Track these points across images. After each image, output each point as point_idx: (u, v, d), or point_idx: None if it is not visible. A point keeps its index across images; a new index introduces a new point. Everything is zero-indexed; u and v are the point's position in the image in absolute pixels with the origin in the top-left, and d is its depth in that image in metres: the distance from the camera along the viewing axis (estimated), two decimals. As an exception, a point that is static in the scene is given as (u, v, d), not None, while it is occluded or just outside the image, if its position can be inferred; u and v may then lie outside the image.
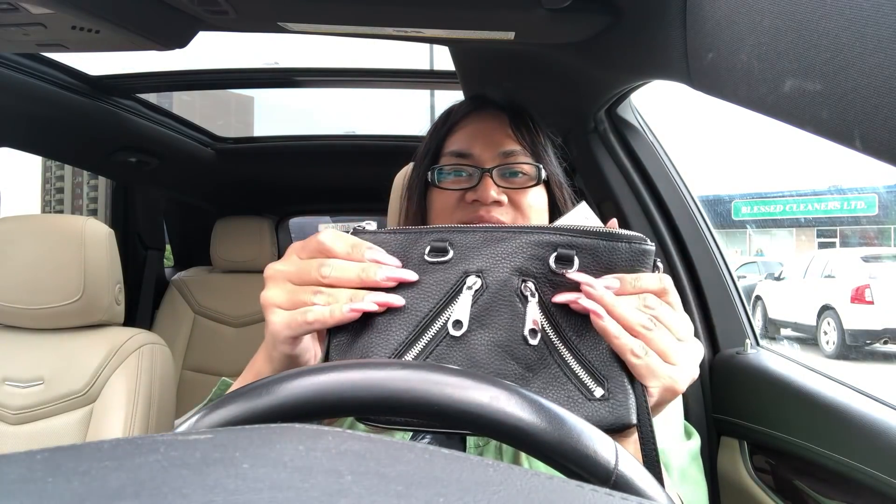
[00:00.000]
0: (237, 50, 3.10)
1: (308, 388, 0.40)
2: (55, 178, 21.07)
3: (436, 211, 0.82)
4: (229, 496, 0.18)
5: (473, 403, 0.39)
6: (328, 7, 0.88)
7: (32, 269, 1.39)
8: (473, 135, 0.82)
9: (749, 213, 10.72)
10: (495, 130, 0.82)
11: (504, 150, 0.80)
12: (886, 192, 8.76)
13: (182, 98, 3.28)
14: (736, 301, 1.24)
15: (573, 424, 0.39)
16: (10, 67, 1.49)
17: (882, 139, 0.41)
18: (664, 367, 0.48)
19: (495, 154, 0.80)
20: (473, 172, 0.80)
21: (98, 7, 0.86)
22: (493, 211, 0.77)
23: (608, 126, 1.30)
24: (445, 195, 0.80)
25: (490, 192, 0.77)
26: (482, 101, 0.86)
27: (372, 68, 1.87)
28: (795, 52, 0.47)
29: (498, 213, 0.78)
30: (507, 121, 0.83)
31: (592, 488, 0.23)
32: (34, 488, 0.18)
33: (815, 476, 0.96)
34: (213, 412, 0.40)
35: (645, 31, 0.79)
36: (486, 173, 0.79)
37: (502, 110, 0.84)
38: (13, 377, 1.42)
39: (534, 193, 0.80)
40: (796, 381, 1.00)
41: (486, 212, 0.77)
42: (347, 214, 3.73)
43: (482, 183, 0.78)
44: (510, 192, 0.79)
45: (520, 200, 0.79)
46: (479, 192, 0.77)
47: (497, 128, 0.82)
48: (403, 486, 0.20)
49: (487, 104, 0.86)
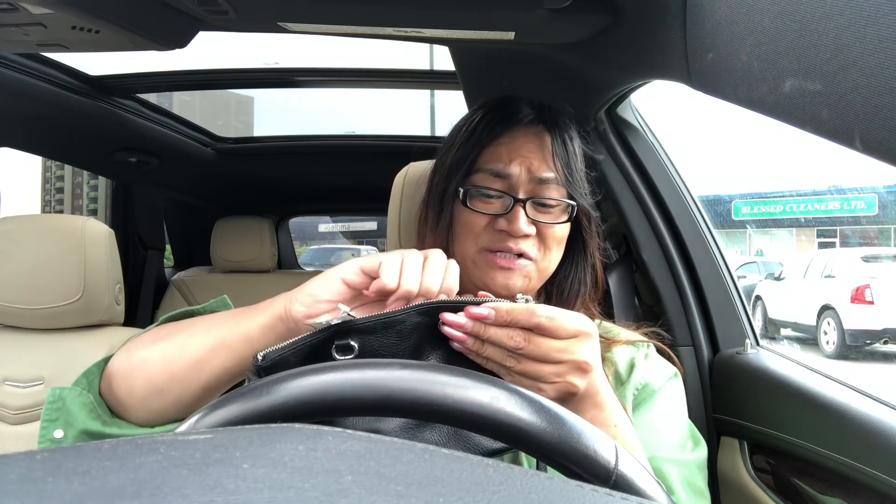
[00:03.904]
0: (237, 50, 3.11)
1: (308, 388, 0.40)
2: (55, 178, 21.06)
3: (461, 229, 0.79)
4: (229, 496, 0.18)
5: (474, 403, 0.39)
6: (328, 7, 0.88)
7: (32, 269, 1.39)
8: (513, 154, 0.79)
9: (749, 213, 10.71)
10: (535, 153, 0.79)
11: (541, 177, 0.78)
12: (886, 192, 8.75)
13: (182, 98, 3.28)
14: (736, 301, 1.24)
15: (573, 424, 0.39)
16: (10, 67, 1.49)
17: (882, 139, 0.41)
18: (530, 383, 0.55)
19: (532, 178, 0.78)
20: (506, 199, 0.77)
21: (98, 7, 0.86)
22: (521, 243, 0.77)
23: (608, 126, 1.29)
24: (474, 217, 0.78)
25: (521, 226, 0.76)
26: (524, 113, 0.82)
27: (372, 68, 1.87)
28: (795, 52, 0.47)
29: (524, 244, 0.77)
30: (549, 143, 0.80)
31: (592, 488, 0.23)
32: (34, 488, 0.18)
33: (815, 476, 0.96)
34: (213, 412, 0.40)
35: (645, 31, 0.79)
36: (520, 203, 0.77)
37: (546, 129, 0.81)
38: (13, 377, 1.42)
39: (562, 227, 0.79)
40: (796, 381, 1.00)
41: (515, 243, 0.76)
42: (347, 215, 3.73)
43: (514, 213, 0.76)
44: (540, 224, 0.78)
45: (547, 233, 0.78)
46: (511, 223, 0.76)
47: (537, 150, 0.79)
48: (403, 486, 0.20)
49: (533, 120, 0.82)
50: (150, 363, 0.66)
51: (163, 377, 0.65)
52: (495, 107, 0.84)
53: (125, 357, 0.70)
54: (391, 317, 0.55)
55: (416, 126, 13.84)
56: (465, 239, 0.79)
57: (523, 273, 0.77)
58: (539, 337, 0.55)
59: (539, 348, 0.55)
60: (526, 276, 0.77)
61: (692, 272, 1.25)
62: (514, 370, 0.55)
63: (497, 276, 0.76)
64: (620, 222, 1.32)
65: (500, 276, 0.76)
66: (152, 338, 0.69)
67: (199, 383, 0.64)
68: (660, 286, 1.26)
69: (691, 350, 1.23)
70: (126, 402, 0.68)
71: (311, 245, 8.55)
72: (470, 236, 0.78)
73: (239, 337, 0.63)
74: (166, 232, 2.81)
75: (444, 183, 0.82)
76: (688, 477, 0.72)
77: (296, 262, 3.44)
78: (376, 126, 6.28)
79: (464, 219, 0.79)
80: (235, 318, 0.65)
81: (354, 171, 2.54)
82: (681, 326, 1.24)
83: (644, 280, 1.32)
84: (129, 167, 2.14)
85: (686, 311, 1.24)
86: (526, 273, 0.77)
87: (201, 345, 0.64)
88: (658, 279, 1.26)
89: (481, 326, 0.55)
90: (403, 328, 0.56)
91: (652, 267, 1.27)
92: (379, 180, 1.24)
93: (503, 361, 0.55)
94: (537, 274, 0.79)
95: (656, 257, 1.27)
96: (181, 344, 0.66)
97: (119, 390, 0.68)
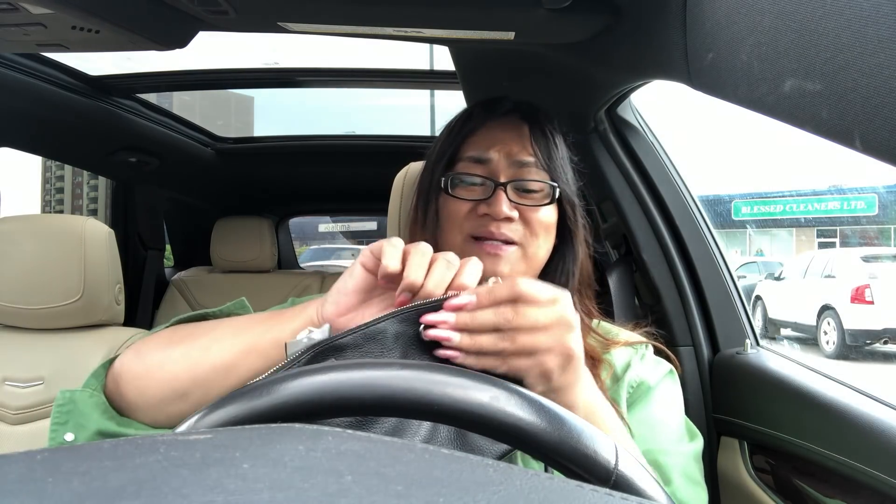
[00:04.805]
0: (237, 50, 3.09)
1: (308, 388, 0.40)
2: (55, 178, 21.05)
3: (446, 218, 0.80)
4: (229, 496, 0.18)
5: (474, 403, 0.39)
6: (328, 7, 0.88)
7: (32, 269, 1.39)
8: (492, 141, 0.81)
9: (749, 213, 10.72)
10: (514, 139, 0.81)
11: (520, 161, 0.79)
12: (886, 192, 8.76)
13: (182, 98, 3.29)
14: (736, 301, 1.24)
15: (573, 424, 0.39)
16: (10, 67, 1.49)
17: (882, 139, 0.41)
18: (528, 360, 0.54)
19: (512, 163, 0.79)
20: (487, 184, 0.78)
21: (98, 7, 0.86)
22: (504, 227, 0.77)
23: (608, 126, 1.30)
24: (457, 204, 0.79)
25: (503, 208, 0.76)
26: (504, 107, 0.85)
27: (372, 68, 1.87)
28: (795, 51, 0.47)
29: (508, 229, 0.77)
30: (527, 131, 0.82)
31: (592, 488, 0.23)
32: (34, 488, 0.18)
33: (815, 476, 0.96)
34: (213, 412, 0.40)
35: (645, 32, 0.79)
36: (500, 187, 0.77)
37: (524, 119, 0.83)
38: (13, 377, 1.42)
39: (545, 210, 0.79)
40: (796, 381, 1.00)
41: (497, 227, 0.77)
42: (347, 215, 3.73)
43: (495, 197, 0.77)
44: (522, 208, 0.78)
45: (531, 217, 0.78)
46: (492, 206, 0.76)
47: (516, 137, 0.81)
48: (403, 486, 0.20)
49: (509, 111, 0.84)
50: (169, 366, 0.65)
51: (185, 381, 0.64)
52: (476, 104, 0.87)
53: (135, 358, 0.68)
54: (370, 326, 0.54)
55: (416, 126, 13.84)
56: (450, 229, 0.79)
57: (511, 260, 0.77)
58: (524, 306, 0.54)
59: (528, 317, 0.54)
60: (513, 262, 0.77)
61: (692, 272, 1.25)
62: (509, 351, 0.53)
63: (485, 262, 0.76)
64: (620, 222, 1.32)
65: (488, 263, 0.75)
66: (167, 340, 0.68)
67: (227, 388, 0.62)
68: (660, 286, 1.26)
69: (691, 350, 1.23)
70: (136, 404, 0.67)
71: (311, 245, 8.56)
72: (455, 225, 0.79)
73: (270, 342, 0.62)
74: (166, 232, 2.81)
75: (428, 178, 0.84)
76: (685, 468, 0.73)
77: (296, 262, 3.44)
78: (376, 126, 6.30)
79: (448, 208, 0.80)
80: (265, 324, 0.64)
81: (354, 171, 2.54)
82: (681, 326, 1.24)
83: (644, 280, 1.32)
84: (129, 167, 2.14)
85: (686, 311, 1.24)
86: (513, 259, 0.77)
87: (230, 349, 0.63)
88: (658, 279, 1.26)
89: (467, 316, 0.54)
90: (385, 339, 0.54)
91: (652, 267, 1.27)
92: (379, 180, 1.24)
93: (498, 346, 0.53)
94: (525, 261, 0.78)
95: (656, 257, 1.27)
96: (206, 347, 0.65)
97: (128, 391, 0.67)
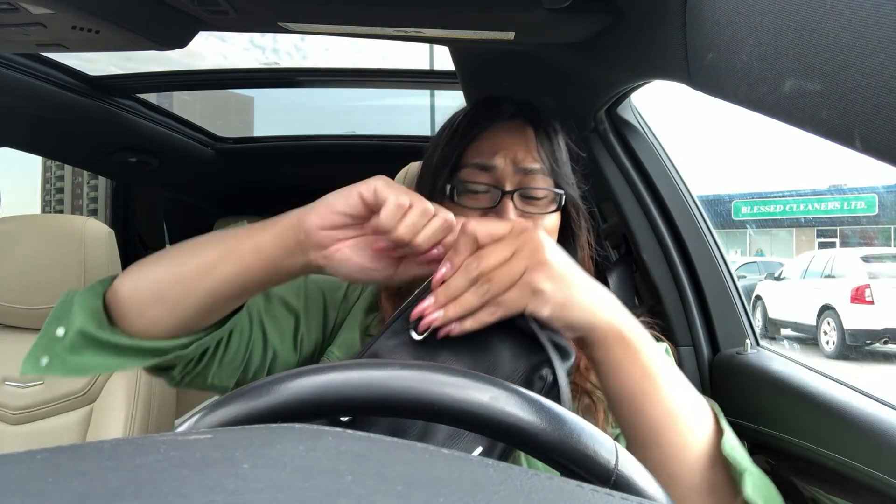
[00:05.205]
0: (237, 50, 3.11)
1: (308, 388, 0.40)
2: (55, 178, 21.04)
3: None
4: (229, 496, 0.18)
5: (474, 403, 0.39)
6: (328, 7, 0.88)
7: (32, 269, 1.39)
8: (497, 147, 0.80)
9: (749, 213, 10.72)
10: (519, 145, 0.80)
11: (526, 168, 0.79)
12: (886, 192, 8.76)
13: (182, 98, 3.29)
14: (736, 301, 1.24)
15: (573, 424, 0.39)
16: (10, 67, 1.49)
17: (882, 139, 0.41)
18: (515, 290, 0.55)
19: (517, 170, 0.79)
20: (493, 192, 0.78)
21: (98, 7, 0.86)
22: None
23: (608, 126, 1.30)
24: (462, 212, 0.78)
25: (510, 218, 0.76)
26: (508, 110, 0.84)
27: (372, 68, 1.87)
28: (795, 52, 0.47)
29: None
30: (532, 136, 0.81)
31: (592, 488, 0.23)
32: (34, 488, 0.18)
33: (815, 476, 0.96)
34: (213, 412, 0.40)
35: (645, 32, 0.79)
36: (507, 196, 0.77)
37: (528, 123, 0.83)
38: (13, 377, 1.42)
39: (550, 217, 0.80)
40: (796, 381, 1.00)
41: None
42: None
43: (502, 206, 0.77)
44: (528, 215, 0.78)
45: (536, 223, 0.78)
46: (500, 216, 0.76)
47: (521, 143, 0.80)
48: (403, 486, 0.20)
49: (514, 115, 0.83)
50: (158, 269, 0.69)
51: (166, 281, 0.67)
52: (477, 105, 0.86)
53: (134, 266, 0.71)
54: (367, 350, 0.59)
55: (416, 126, 13.85)
56: None
57: None
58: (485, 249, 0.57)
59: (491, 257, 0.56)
60: None
61: (692, 272, 1.25)
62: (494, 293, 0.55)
63: None
64: (620, 222, 1.32)
65: None
66: (166, 251, 0.72)
67: (203, 289, 0.65)
68: (660, 286, 1.26)
69: (691, 350, 1.23)
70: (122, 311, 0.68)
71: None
72: None
73: (250, 246, 0.65)
74: (166, 232, 2.81)
75: (430, 182, 0.82)
76: None
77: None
78: (376, 126, 6.27)
79: None
80: (248, 231, 0.67)
81: (354, 171, 2.53)
82: (681, 326, 1.24)
83: (644, 280, 1.32)
84: (129, 167, 2.14)
85: (686, 312, 1.24)
86: None
87: (211, 252, 0.66)
88: (658, 279, 1.26)
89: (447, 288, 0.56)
90: None
91: (652, 267, 1.27)
92: (379, 180, 1.24)
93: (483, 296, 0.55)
94: None
95: (656, 257, 1.27)
96: (191, 250, 0.68)
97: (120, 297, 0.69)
